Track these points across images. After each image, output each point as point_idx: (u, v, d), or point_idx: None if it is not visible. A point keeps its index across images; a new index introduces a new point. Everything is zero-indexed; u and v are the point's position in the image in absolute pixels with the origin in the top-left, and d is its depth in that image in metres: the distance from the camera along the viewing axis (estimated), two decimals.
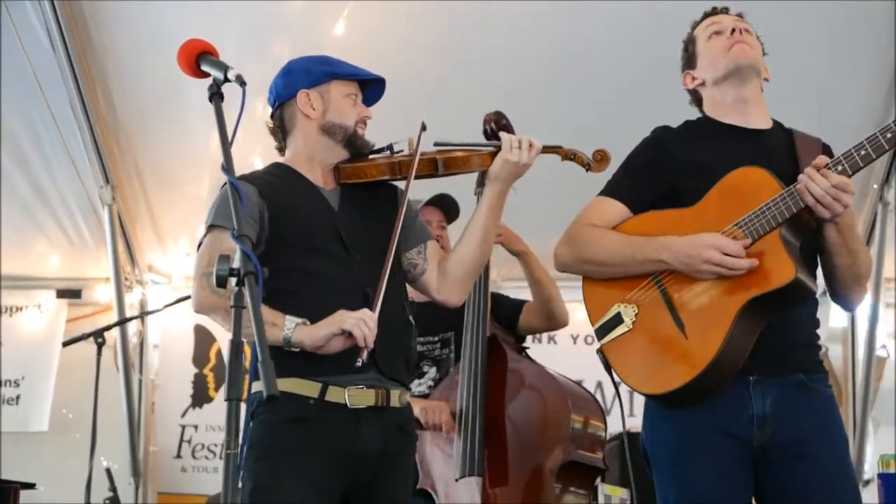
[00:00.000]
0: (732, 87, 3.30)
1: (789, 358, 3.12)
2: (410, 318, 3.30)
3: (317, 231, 3.20)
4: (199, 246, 3.19)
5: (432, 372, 4.53)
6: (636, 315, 3.17)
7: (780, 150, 3.22)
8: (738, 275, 3.02)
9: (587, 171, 3.36)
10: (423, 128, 3.29)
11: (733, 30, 3.30)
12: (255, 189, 3.14)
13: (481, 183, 4.51)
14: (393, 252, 3.18)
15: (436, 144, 3.34)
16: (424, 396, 4.40)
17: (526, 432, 4.12)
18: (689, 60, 3.42)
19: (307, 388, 3.05)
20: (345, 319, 2.98)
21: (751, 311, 3.01)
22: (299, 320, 3.00)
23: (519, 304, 4.71)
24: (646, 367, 3.15)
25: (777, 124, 3.35)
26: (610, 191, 3.33)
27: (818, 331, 3.26)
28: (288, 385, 3.00)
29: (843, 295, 3.23)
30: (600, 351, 3.21)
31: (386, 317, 3.11)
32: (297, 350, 3.01)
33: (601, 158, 3.36)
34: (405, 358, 3.25)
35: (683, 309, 3.10)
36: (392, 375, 3.16)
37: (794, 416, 3.08)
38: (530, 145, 3.27)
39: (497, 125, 4.34)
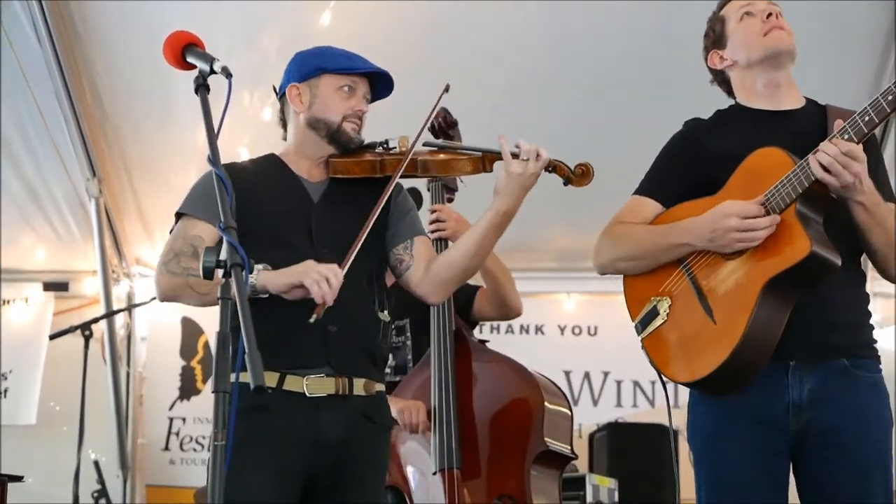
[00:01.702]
0: (765, 72, 3.27)
1: (830, 341, 3.07)
2: (382, 313, 3.25)
3: (285, 223, 3.17)
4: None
5: (388, 359, 4.52)
6: (670, 306, 3.17)
7: (810, 127, 3.14)
8: (762, 236, 2.98)
9: (565, 184, 3.15)
10: (447, 90, 3.26)
11: (769, 14, 3.24)
12: (229, 182, 3.13)
13: (435, 179, 4.54)
14: (363, 237, 3.10)
15: (425, 144, 3.29)
16: (389, 384, 4.37)
17: (500, 425, 4.12)
18: (718, 40, 3.34)
19: (265, 378, 3.02)
20: (307, 273, 2.94)
21: (774, 290, 2.98)
22: (261, 266, 2.98)
23: (473, 290, 4.68)
24: (680, 356, 3.15)
25: (810, 102, 3.31)
26: (642, 189, 3.34)
27: (870, 307, 3.22)
28: (247, 377, 2.99)
29: (886, 272, 3.16)
30: (642, 346, 3.23)
31: (345, 312, 3.09)
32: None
33: (583, 173, 3.14)
34: (369, 353, 3.20)
35: (712, 295, 3.09)
36: (346, 371, 3.12)
37: (831, 404, 3.04)
38: (537, 155, 3.07)
39: (445, 121, 4.38)
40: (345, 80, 3.27)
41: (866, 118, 2.96)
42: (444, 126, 4.35)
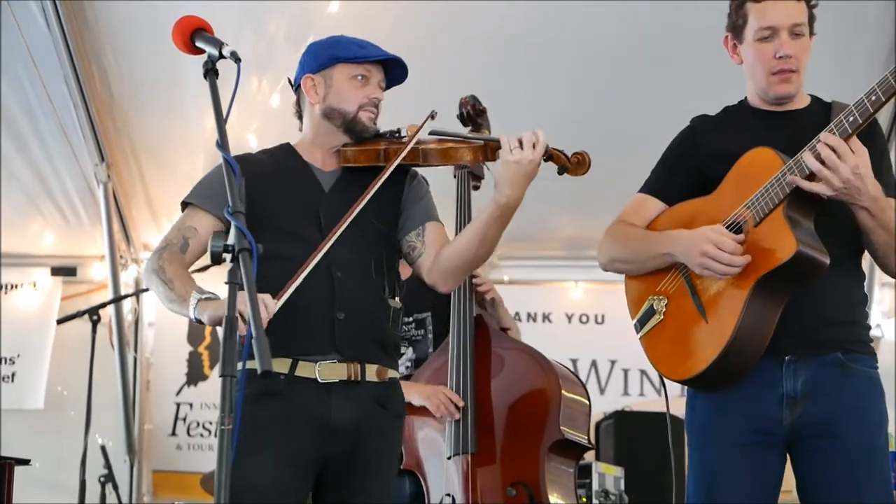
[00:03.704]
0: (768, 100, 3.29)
1: (824, 336, 3.10)
2: (392, 300, 3.24)
3: (294, 212, 3.18)
4: None
5: (409, 353, 4.53)
6: (666, 305, 3.22)
7: (813, 127, 3.09)
8: (724, 272, 3.02)
9: (560, 173, 3.14)
10: (432, 116, 3.25)
11: (781, 56, 3.16)
12: (238, 167, 3.13)
13: (461, 166, 4.55)
14: (344, 226, 3.08)
15: (431, 133, 3.29)
16: (405, 378, 4.37)
17: (516, 412, 4.14)
18: (734, 29, 3.27)
19: (277, 364, 3.02)
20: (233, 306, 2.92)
21: (763, 290, 3.02)
22: (203, 296, 2.93)
23: None
24: (674, 354, 3.20)
25: (815, 100, 3.31)
26: (646, 187, 3.38)
27: (867, 308, 3.25)
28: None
29: (886, 267, 3.18)
30: (641, 344, 3.29)
31: (353, 300, 3.11)
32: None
33: (579, 162, 3.11)
34: (378, 339, 3.19)
35: (705, 294, 3.13)
36: (356, 357, 3.13)
37: (825, 396, 3.07)
38: (534, 143, 3.02)
39: (473, 109, 4.38)
40: (359, 69, 3.28)
41: (850, 118, 2.97)
42: (473, 114, 4.35)
